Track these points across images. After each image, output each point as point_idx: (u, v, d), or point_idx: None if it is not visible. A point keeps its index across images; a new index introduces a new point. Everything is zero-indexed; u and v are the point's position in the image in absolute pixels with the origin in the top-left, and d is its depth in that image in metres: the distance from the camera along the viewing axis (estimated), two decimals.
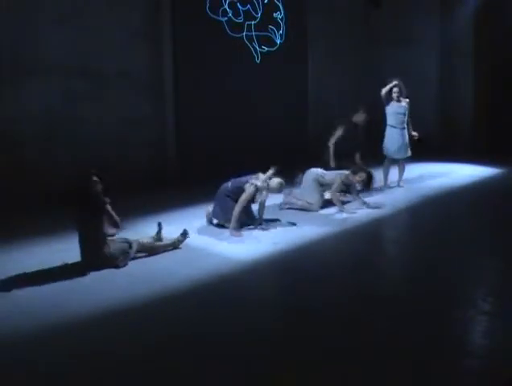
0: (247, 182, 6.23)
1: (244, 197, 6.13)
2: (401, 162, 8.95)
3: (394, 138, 8.77)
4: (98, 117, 8.55)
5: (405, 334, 3.62)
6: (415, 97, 13.50)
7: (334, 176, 7.31)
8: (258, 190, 6.18)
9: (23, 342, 3.59)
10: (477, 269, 5.07)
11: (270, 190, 6.28)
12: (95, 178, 5.03)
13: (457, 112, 13.10)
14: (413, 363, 3.23)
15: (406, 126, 8.78)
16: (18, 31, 7.64)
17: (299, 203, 7.24)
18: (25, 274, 4.89)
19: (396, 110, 8.76)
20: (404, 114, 8.78)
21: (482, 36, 12.82)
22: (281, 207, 7.34)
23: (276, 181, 6.27)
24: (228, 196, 6.28)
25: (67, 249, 5.63)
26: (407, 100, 8.82)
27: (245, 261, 5.18)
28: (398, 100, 8.74)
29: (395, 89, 8.70)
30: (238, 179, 6.35)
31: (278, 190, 6.40)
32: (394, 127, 8.76)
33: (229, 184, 6.37)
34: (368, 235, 6.26)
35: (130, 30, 8.86)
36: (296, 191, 7.42)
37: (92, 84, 8.45)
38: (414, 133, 8.79)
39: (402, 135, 8.75)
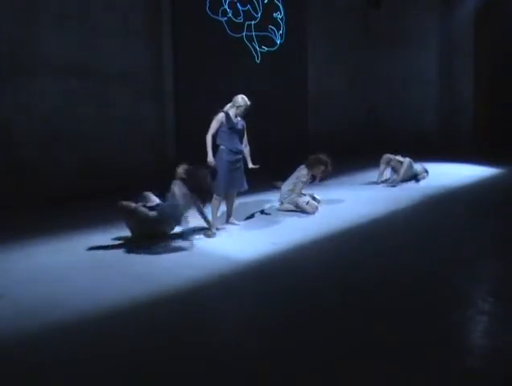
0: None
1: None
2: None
3: None
4: (98, 117, 8.56)
5: (405, 334, 3.62)
6: (415, 97, 13.59)
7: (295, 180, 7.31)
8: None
9: (23, 342, 3.59)
10: (477, 269, 5.07)
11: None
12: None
13: (457, 112, 13.11)
14: (413, 363, 3.23)
15: None
16: (18, 31, 7.65)
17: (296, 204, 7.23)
18: (25, 274, 4.90)
19: None
20: None
21: (482, 36, 12.83)
22: (279, 207, 7.36)
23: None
24: None
25: (67, 249, 5.64)
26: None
27: (244, 261, 5.18)
28: None
29: None
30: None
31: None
32: None
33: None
34: (367, 235, 6.26)
35: (130, 30, 8.86)
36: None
37: (92, 84, 8.46)
38: None
39: None
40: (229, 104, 6.41)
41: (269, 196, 7.98)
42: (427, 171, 9.61)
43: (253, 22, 10.73)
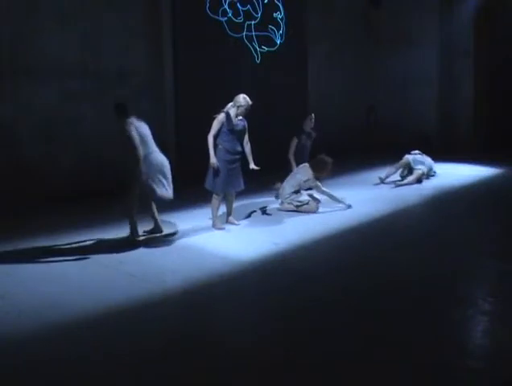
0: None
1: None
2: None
3: None
4: (98, 117, 8.55)
5: (405, 334, 3.62)
6: (415, 97, 13.58)
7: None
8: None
9: (23, 342, 3.59)
10: (477, 269, 5.07)
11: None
12: None
13: (457, 112, 13.10)
14: (413, 363, 3.23)
15: None
16: (18, 31, 7.64)
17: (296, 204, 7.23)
18: (25, 274, 4.90)
19: None
20: None
21: (482, 36, 12.82)
22: (279, 207, 7.36)
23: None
24: None
25: (67, 249, 5.64)
26: None
27: (245, 261, 5.18)
28: None
29: None
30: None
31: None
32: None
33: None
34: (368, 234, 6.26)
35: (130, 30, 8.86)
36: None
37: (92, 84, 8.45)
38: None
39: None
40: (230, 104, 6.40)
41: (269, 197, 7.98)
42: (433, 174, 9.64)
43: (253, 22, 10.72)
